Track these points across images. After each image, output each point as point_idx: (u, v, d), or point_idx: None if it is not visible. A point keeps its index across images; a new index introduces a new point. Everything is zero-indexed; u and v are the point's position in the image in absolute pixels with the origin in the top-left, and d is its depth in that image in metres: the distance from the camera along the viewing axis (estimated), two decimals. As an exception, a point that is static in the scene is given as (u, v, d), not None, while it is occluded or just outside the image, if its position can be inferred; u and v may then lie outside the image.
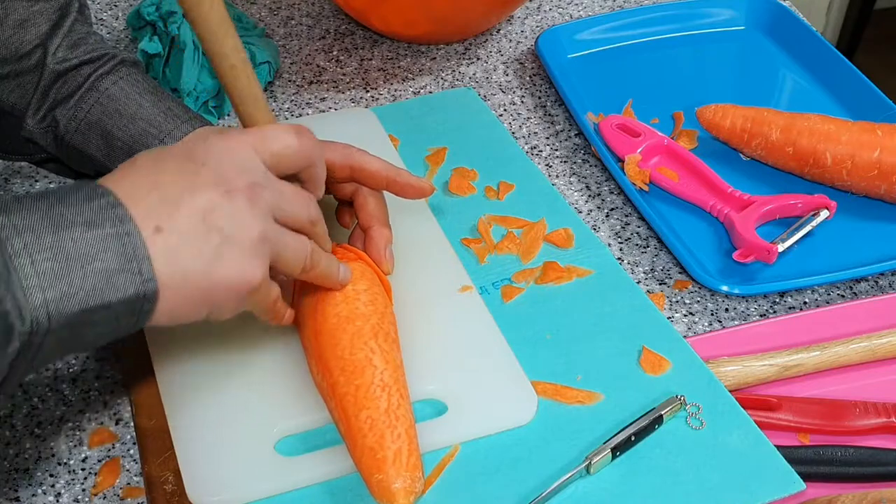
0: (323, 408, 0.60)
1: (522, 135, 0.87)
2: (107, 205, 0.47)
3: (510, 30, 1.01)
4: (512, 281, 0.70)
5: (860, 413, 0.63)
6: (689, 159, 0.81)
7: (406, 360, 0.62)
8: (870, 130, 0.77)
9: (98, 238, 0.46)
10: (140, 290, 0.47)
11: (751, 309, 0.72)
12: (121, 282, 0.46)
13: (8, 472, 0.60)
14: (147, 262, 0.47)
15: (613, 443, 0.58)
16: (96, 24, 1.00)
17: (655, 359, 0.64)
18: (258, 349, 0.63)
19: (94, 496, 0.59)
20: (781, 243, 0.73)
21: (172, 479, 0.57)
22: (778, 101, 0.91)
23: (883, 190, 0.77)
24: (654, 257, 0.75)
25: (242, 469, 0.57)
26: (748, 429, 0.60)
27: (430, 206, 0.75)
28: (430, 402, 0.61)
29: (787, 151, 0.79)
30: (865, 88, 0.88)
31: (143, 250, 0.47)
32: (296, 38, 0.99)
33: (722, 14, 0.99)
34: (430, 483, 0.57)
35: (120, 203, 0.47)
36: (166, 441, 0.59)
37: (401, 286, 0.67)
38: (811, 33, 0.95)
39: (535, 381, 0.62)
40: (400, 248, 0.70)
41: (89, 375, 0.66)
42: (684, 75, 0.93)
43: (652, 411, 0.59)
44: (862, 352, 0.66)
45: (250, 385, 0.61)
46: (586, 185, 0.82)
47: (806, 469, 0.59)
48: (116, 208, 0.47)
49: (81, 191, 0.47)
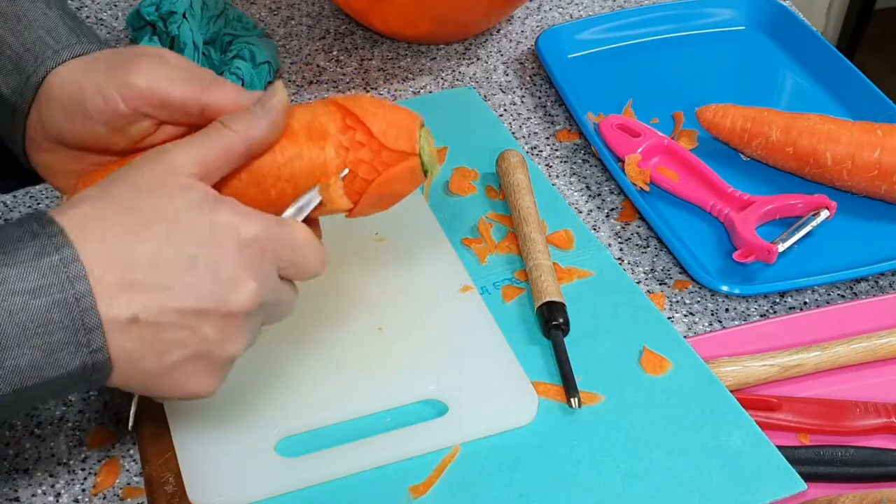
0: (323, 408, 0.60)
1: (522, 135, 0.87)
2: (59, 263, 0.42)
3: (510, 30, 1.01)
4: (513, 281, 0.70)
5: (860, 413, 0.63)
6: (690, 159, 0.81)
7: (406, 361, 0.63)
8: (870, 130, 0.77)
9: (42, 308, 0.41)
10: (87, 361, 0.43)
11: (751, 309, 0.72)
12: (64, 358, 0.42)
13: (8, 472, 0.60)
14: (98, 333, 0.43)
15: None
16: (96, 24, 1.00)
17: (656, 359, 0.64)
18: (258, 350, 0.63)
19: (94, 496, 0.59)
20: (781, 243, 0.73)
21: (173, 480, 0.57)
22: (778, 101, 0.91)
23: (883, 190, 0.77)
24: (655, 257, 0.75)
25: (243, 470, 0.57)
26: (749, 429, 0.60)
27: (430, 206, 0.75)
28: (430, 403, 0.61)
29: (788, 151, 0.79)
30: (865, 88, 0.88)
31: (95, 318, 0.42)
32: (296, 38, 0.98)
33: (722, 14, 0.99)
34: (430, 484, 0.57)
35: (76, 258, 0.42)
36: (167, 442, 0.59)
37: (401, 286, 0.67)
38: (811, 33, 0.95)
39: (537, 382, 0.62)
40: (400, 248, 0.70)
41: (89, 376, 0.66)
42: (684, 75, 0.93)
43: None
44: (862, 352, 0.66)
45: (251, 386, 0.61)
46: (586, 185, 0.82)
47: (806, 469, 0.59)
48: (72, 265, 0.42)
49: (31, 243, 0.42)
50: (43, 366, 0.42)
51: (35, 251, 0.42)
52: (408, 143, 0.53)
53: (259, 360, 0.62)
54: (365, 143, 0.53)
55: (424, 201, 0.75)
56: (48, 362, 0.42)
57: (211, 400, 0.60)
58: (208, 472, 0.56)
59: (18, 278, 0.41)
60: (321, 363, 0.63)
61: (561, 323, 0.65)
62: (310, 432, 0.59)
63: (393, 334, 0.64)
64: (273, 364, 0.62)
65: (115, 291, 0.43)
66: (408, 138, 0.53)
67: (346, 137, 0.52)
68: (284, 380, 0.61)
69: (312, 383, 0.61)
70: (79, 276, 0.42)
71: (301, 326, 0.64)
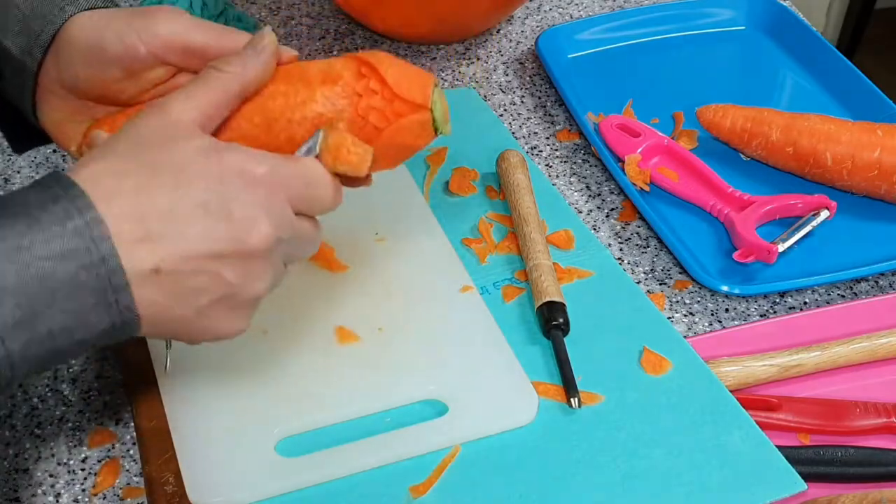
0: (323, 408, 0.60)
1: (522, 135, 0.87)
2: (84, 226, 0.42)
3: (510, 30, 1.01)
4: (513, 281, 0.70)
5: (860, 413, 0.63)
6: (690, 159, 0.81)
7: (406, 361, 0.63)
8: (870, 130, 0.77)
9: (70, 272, 0.42)
10: (116, 319, 0.44)
11: (751, 309, 0.72)
12: (94, 318, 0.43)
13: (8, 472, 0.60)
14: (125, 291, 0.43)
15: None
16: (96, 23, 1.00)
17: (656, 359, 0.64)
18: (259, 350, 0.63)
19: (93, 496, 0.59)
20: (781, 243, 0.73)
21: (173, 480, 0.57)
22: (778, 101, 0.91)
23: (883, 190, 0.77)
24: (655, 257, 0.75)
25: (243, 470, 0.57)
26: (749, 429, 0.60)
27: (430, 206, 0.75)
28: (430, 403, 0.61)
29: (788, 151, 0.79)
30: (865, 88, 0.88)
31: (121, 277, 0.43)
32: (296, 38, 0.98)
33: (722, 14, 0.99)
34: (430, 484, 0.57)
35: (101, 220, 0.43)
36: (167, 442, 0.59)
37: (401, 286, 0.67)
38: (811, 33, 0.95)
39: (537, 382, 0.62)
40: (400, 248, 0.70)
41: (89, 375, 0.66)
42: (684, 75, 0.93)
43: None
44: (862, 352, 0.66)
45: (251, 386, 0.61)
46: (586, 185, 0.82)
47: (806, 469, 0.59)
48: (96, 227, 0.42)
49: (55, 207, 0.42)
50: (74, 328, 0.43)
51: (60, 215, 0.42)
52: (420, 96, 0.53)
53: (259, 360, 0.62)
54: (378, 90, 0.53)
55: (424, 201, 0.75)
56: (80, 324, 0.43)
57: (211, 400, 0.60)
58: (208, 472, 0.56)
59: (46, 243, 0.42)
60: (321, 363, 0.63)
61: (561, 323, 0.65)
62: (310, 432, 0.59)
63: (393, 334, 0.64)
64: (273, 364, 0.62)
65: (135, 245, 0.44)
66: (421, 91, 0.53)
67: (360, 85, 0.53)
68: (284, 380, 0.61)
69: (312, 383, 0.61)
70: (103, 236, 0.43)
71: (301, 326, 0.65)
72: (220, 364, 0.62)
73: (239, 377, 0.61)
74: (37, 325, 0.42)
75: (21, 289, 0.41)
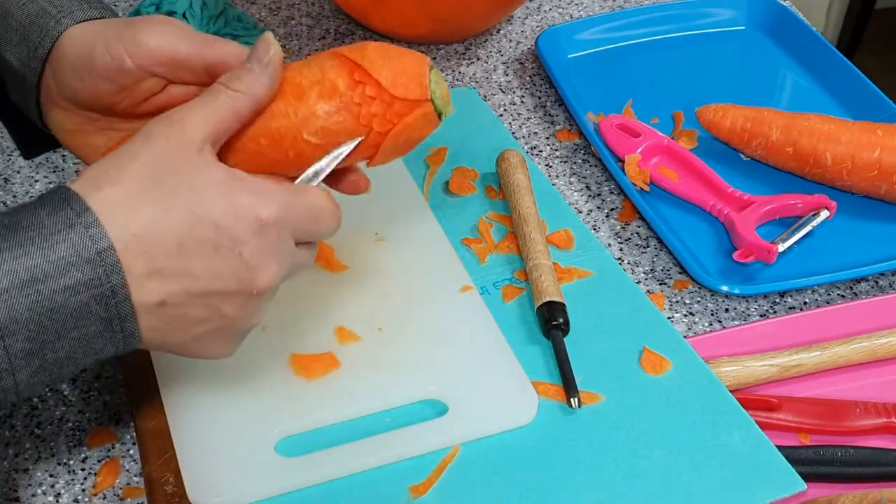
0: (323, 408, 0.60)
1: (522, 135, 0.87)
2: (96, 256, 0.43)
3: (510, 30, 1.01)
4: (513, 281, 0.70)
5: (860, 413, 0.63)
6: (689, 159, 0.81)
7: (406, 361, 0.62)
8: (870, 130, 0.77)
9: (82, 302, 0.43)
10: (120, 345, 0.45)
11: (751, 309, 0.72)
12: (98, 344, 0.44)
13: (8, 472, 0.60)
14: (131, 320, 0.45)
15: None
16: (96, 23, 1.00)
17: (656, 359, 0.64)
18: (259, 350, 0.63)
19: (93, 496, 0.59)
20: (781, 243, 0.73)
21: (173, 480, 0.57)
22: (778, 101, 0.91)
23: (883, 190, 0.77)
24: (654, 257, 0.75)
25: (243, 470, 0.57)
26: (749, 429, 0.60)
27: (430, 206, 0.75)
28: (430, 403, 0.61)
29: (788, 151, 0.79)
30: (865, 88, 0.88)
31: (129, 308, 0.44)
32: (296, 38, 0.98)
33: (722, 14, 0.99)
34: (430, 484, 0.57)
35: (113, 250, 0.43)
36: (167, 442, 0.59)
37: (401, 286, 0.67)
38: (811, 33, 0.95)
39: (537, 382, 0.62)
40: (400, 248, 0.70)
41: (89, 375, 0.66)
42: (684, 75, 0.93)
43: None
44: (862, 352, 0.66)
45: (251, 386, 0.61)
46: (586, 185, 0.82)
47: (806, 469, 0.59)
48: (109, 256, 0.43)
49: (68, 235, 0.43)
50: (80, 355, 0.44)
51: (74, 245, 0.43)
52: (419, 90, 0.53)
53: (259, 360, 0.62)
54: (375, 96, 0.52)
55: (424, 201, 0.75)
56: (85, 351, 0.44)
57: (211, 400, 0.60)
58: (208, 472, 0.56)
59: (59, 275, 0.42)
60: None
61: (561, 323, 0.65)
62: (310, 432, 0.59)
63: (393, 334, 0.64)
64: (273, 364, 0.62)
65: (144, 280, 0.45)
66: (418, 84, 0.53)
67: (356, 93, 0.52)
68: (284, 380, 0.61)
69: (312, 383, 0.61)
70: (115, 268, 0.43)
71: (301, 326, 0.65)
72: (220, 364, 0.62)
73: (239, 377, 0.61)
74: (45, 355, 0.43)
75: (33, 321, 0.42)
